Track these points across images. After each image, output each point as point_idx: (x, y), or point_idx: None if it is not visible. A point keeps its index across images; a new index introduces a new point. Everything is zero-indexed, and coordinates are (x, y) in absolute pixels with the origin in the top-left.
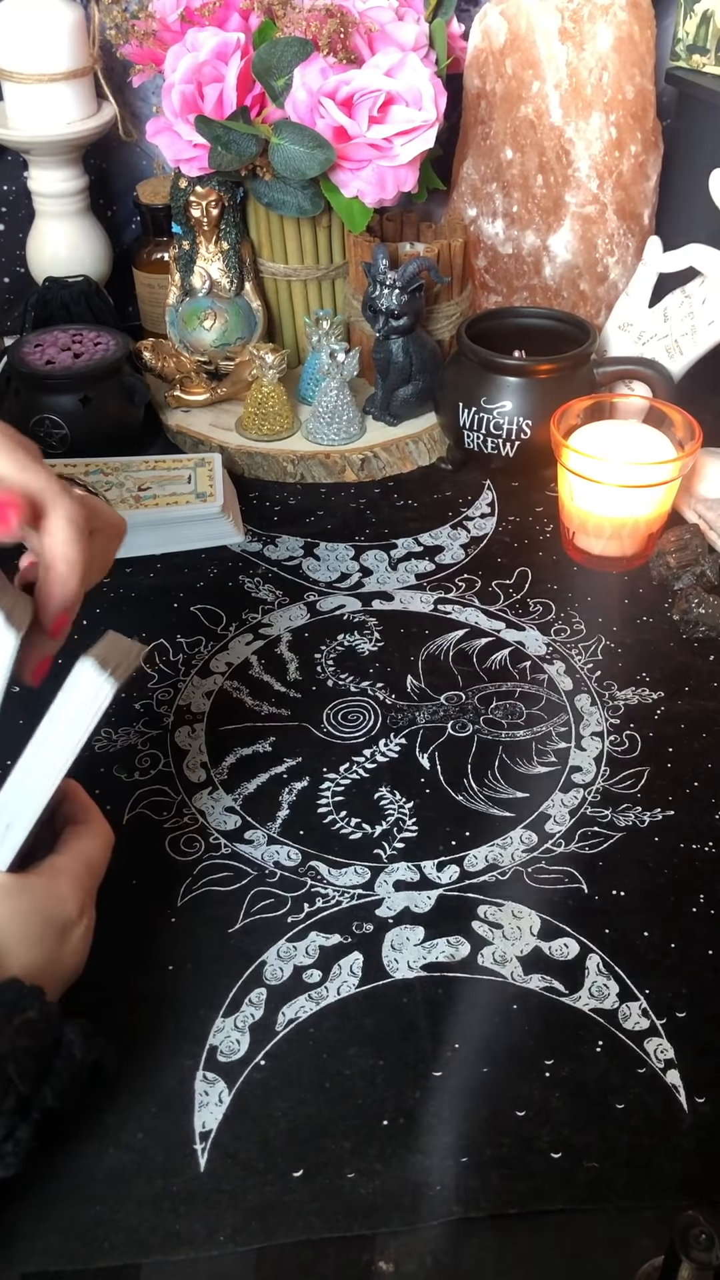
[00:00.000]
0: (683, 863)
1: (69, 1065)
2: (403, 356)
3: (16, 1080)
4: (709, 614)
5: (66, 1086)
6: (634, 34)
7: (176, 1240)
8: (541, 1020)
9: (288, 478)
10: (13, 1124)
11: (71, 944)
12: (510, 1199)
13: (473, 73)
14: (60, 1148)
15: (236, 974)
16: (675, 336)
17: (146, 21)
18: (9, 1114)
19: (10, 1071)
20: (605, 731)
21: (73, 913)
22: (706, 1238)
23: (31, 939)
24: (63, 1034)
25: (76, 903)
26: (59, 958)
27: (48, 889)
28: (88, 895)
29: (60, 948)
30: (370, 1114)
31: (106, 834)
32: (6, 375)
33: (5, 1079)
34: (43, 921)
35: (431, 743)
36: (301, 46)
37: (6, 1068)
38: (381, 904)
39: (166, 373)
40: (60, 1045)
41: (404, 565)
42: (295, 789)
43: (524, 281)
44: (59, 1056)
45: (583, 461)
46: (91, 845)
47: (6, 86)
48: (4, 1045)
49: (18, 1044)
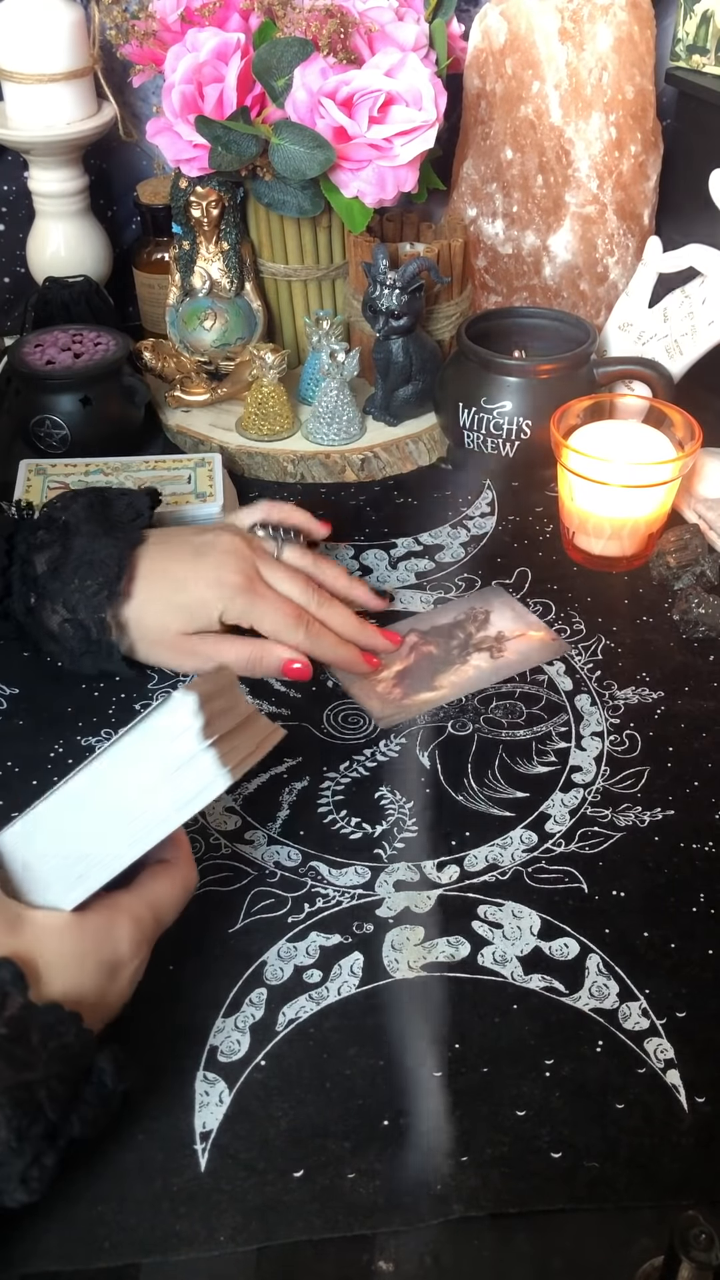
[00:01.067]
0: (683, 863)
1: (99, 1093)
2: (403, 356)
3: (47, 1107)
4: (709, 614)
5: (96, 1116)
6: (634, 34)
7: (176, 1240)
8: (541, 1020)
9: (288, 478)
10: (39, 1150)
11: (119, 983)
12: (510, 1199)
13: (473, 73)
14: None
15: (237, 974)
16: (675, 336)
17: (146, 21)
18: (36, 1140)
19: (41, 1097)
20: (605, 731)
21: (124, 953)
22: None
23: (80, 976)
24: (95, 1062)
25: (130, 943)
26: (104, 995)
27: (103, 928)
28: (144, 937)
29: (108, 986)
30: (370, 1114)
31: (188, 880)
32: (6, 375)
33: (35, 1104)
34: (93, 960)
35: (431, 742)
36: (301, 46)
37: (38, 1093)
38: (382, 904)
39: (166, 373)
40: (92, 1073)
41: (404, 564)
42: (295, 789)
43: (524, 281)
44: (90, 1084)
45: (583, 461)
46: (165, 889)
47: (6, 86)
48: (38, 1070)
49: (51, 1069)
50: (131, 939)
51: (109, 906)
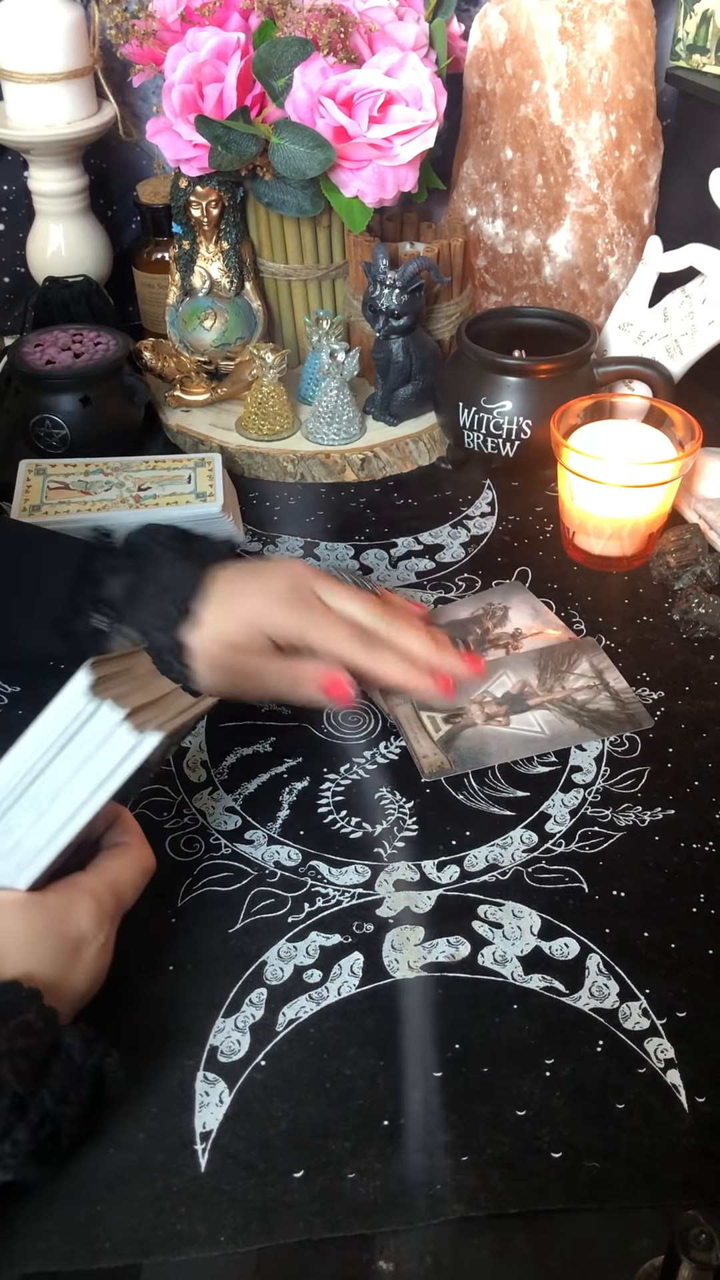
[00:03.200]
0: (683, 863)
1: (68, 1069)
2: (403, 356)
3: (11, 1080)
4: (709, 614)
5: (66, 1090)
6: (634, 34)
7: (176, 1240)
8: (541, 1020)
9: (288, 478)
10: (8, 1124)
11: (84, 961)
12: (510, 1199)
13: (473, 73)
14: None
15: (237, 974)
16: (675, 336)
17: (146, 21)
18: (3, 1113)
19: (4, 1071)
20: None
21: (86, 930)
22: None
23: (40, 953)
24: (61, 1038)
25: (92, 920)
26: (69, 974)
27: (61, 905)
28: (106, 915)
29: (71, 964)
30: (370, 1114)
31: (145, 860)
32: (6, 375)
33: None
34: (55, 937)
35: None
36: (301, 46)
37: (1, 1068)
38: (382, 904)
39: (166, 373)
40: (59, 1048)
41: (404, 564)
42: (296, 789)
43: (524, 281)
44: (57, 1060)
45: (583, 461)
46: (123, 868)
47: (6, 86)
48: (0, 1045)
49: (14, 1044)
50: (92, 915)
51: (68, 885)
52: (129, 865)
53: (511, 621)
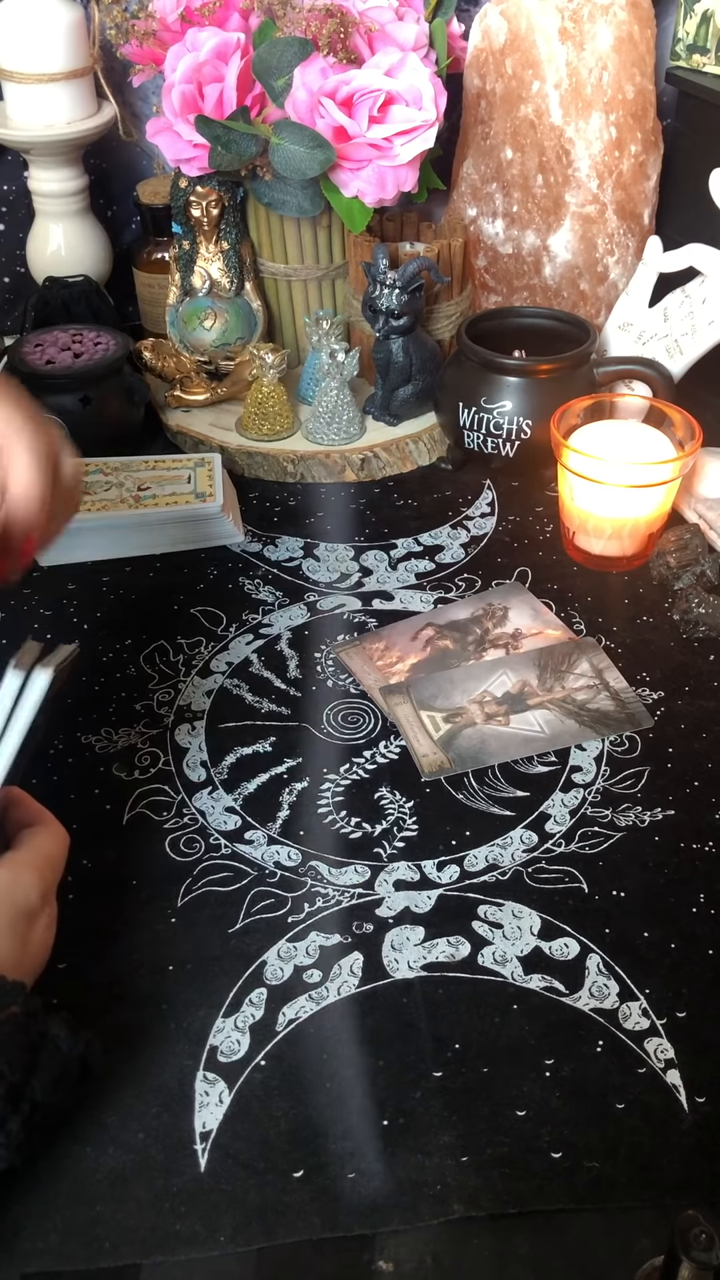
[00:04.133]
0: (683, 863)
1: (56, 1058)
2: (403, 356)
3: (5, 1070)
4: (709, 614)
5: (55, 1079)
6: (634, 34)
7: (176, 1240)
8: (541, 1020)
9: (288, 478)
10: (2, 1115)
11: (37, 933)
12: (510, 1199)
13: (473, 73)
14: (60, 1148)
15: (236, 974)
16: (675, 336)
17: (146, 21)
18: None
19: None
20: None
21: (35, 902)
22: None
23: (3, 930)
24: (48, 1028)
25: (39, 892)
26: (27, 947)
27: (9, 879)
28: (49, 887)
29: (28, 936)
30: (370, 1114)
31: (62, 834)
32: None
33: None
34: (12, 913)
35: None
36: (301, 46)
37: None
38: (382, 904)
39: (166, 373)
40: (46, 1038)
41: (404, 565)
42: (295, 789)
43: (524, 281)
44: (45, 1050)
45: (583, 461)
46: (48, 842)
47: (6, 86)
48: None
49: (3, 1036)
50: (37, 886)
51: (8, 862)
52: (52, 841)
53: (511, 622)
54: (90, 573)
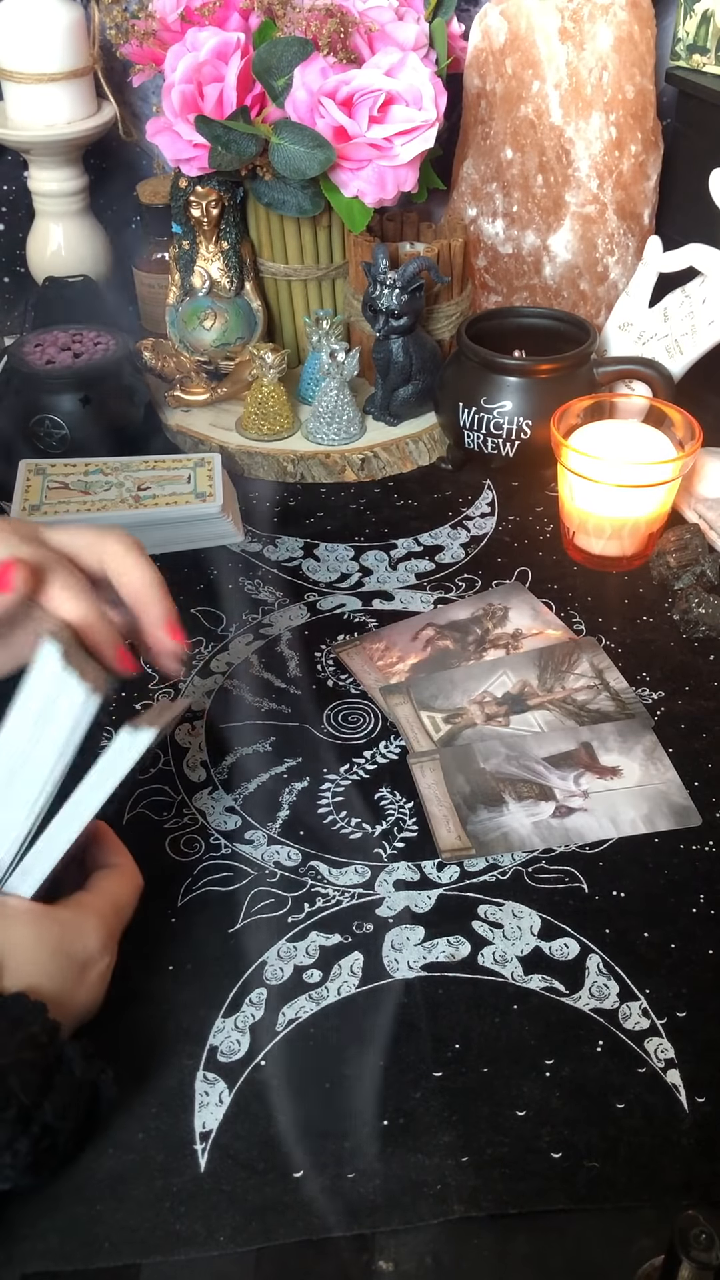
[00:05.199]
0: (683, 863)
1: (69, 1082)
2: (403, 356)
3: (19, 1092)
4: (709, 614)
5: (67, 1104)
6: (634, 34)
7: (176, 1240)
8: (541, 1020)
9: (288, 478)
10: (13, 1135)
11: (89, 981)
12: (510, 1199)
13: (473, 72)
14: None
15: (236, 974)
16: (675, 336)
17: (146, 21)
18: (10, 1124)
19: (13, 1083)
20: None
21: (94, 950)
22: (706, 1238)
23: (48, 967)
24: (63, 1051)
25: (99, 941)
26: (74, 992)
27: (71, 922)
28: (111, 936)
29: (78, 982)
30: (370, 1114)
31: (136, 879)
32: (6, 375)
33: (7, 1090)
34: (64, 954)
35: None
36: (301, 46)
37: (9, 1079)
38: (382, 904)
39: (166, 373)
40: (61, 1062)
41: (404, 565)
42: (295, 789)
43: (524, 281)
44: (59, 1073)
45: (583, 461)
46: (120, 887)
47: (6, 86)
48: (7, 1057)
49: (21, 1056)
50: (99, 937)
51: (76, 904)
52: (125, 885)
53: (511, 622)
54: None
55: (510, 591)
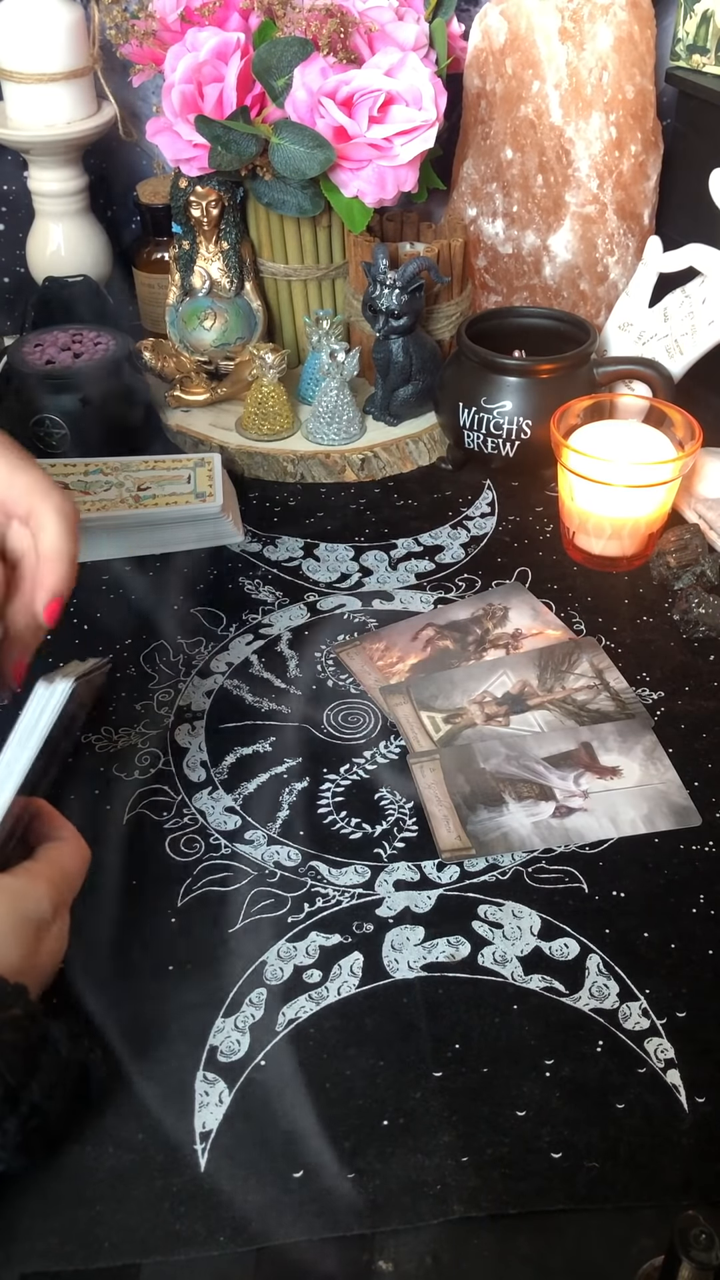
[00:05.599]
0: (683, 863)
1: (55, 1062)
2: (403, 356)
3: (4, 1072)
4: (709, 614)
5: (54, 1083)
6: (634, 34)
7: (176, 1240)
8: (541, 1020)
9: (288, 478)
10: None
11: (47, 945)
12: (510, 1199)
13: (473, 73)
14: (60, 1148)
15: (236, 974)
16: (675, 336)
17: (146, 21)
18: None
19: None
20: None
21: (47, 912)
22: (706, 1238)
23: (8, 936)
24: (48, 1031)
25: (51, 903)
26: (36, 957)
27: (21, 888)
28: (62, 899)
29: (37, 947)
30: (370, 1114)
31: (83, 849)
32: (6, 375)
33: None
34: (18, 919)
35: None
36: (301, 46)
37: None
38: (382, 904)
39: (166, 373)
40: (46, 1042)
41: (404, 565)
42: (295, 789)
43: (524, 281)
44: (45, 1052)
45: (583, 461)
46: (66, 856)
47: (6, 86)
48: None
49: (4, 1038)
50: (49, 897)
51: (22, 870)
52: (72, 854)
53: (511, 622)
54: (90, 573)
55: (510, 591)
